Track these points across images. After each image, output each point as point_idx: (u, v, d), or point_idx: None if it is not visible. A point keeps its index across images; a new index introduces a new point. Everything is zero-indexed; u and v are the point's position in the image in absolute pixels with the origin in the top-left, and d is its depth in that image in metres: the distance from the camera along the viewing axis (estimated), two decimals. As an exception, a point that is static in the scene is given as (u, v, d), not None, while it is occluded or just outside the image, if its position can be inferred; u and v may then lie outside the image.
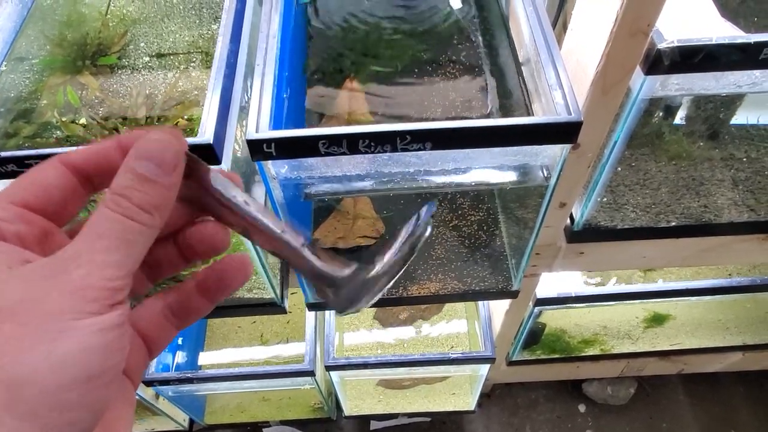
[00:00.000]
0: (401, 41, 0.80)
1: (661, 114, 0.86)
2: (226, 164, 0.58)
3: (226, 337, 1.39)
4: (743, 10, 0.78)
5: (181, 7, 0.84)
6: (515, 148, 0.56)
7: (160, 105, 0.74)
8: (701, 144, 0.90)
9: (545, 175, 0.61)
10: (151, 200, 0.25)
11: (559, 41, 0.73)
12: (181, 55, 0.79)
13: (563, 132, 0.53)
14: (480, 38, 0.79)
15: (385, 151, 0.53)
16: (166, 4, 0.85)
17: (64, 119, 0.73)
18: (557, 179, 0.61)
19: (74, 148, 0.54)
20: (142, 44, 0.80)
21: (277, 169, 0.57)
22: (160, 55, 0.79)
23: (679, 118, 0.88)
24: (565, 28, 0.77)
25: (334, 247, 0.86)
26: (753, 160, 0.90)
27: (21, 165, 0.54)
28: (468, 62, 0.77)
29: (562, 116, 0.53)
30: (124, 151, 0.26)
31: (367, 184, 0.61)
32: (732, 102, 0.86)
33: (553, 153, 0.58)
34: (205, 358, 1.36)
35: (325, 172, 0.58)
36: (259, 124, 0.54)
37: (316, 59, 0.80)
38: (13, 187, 0.26)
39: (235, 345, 1.37)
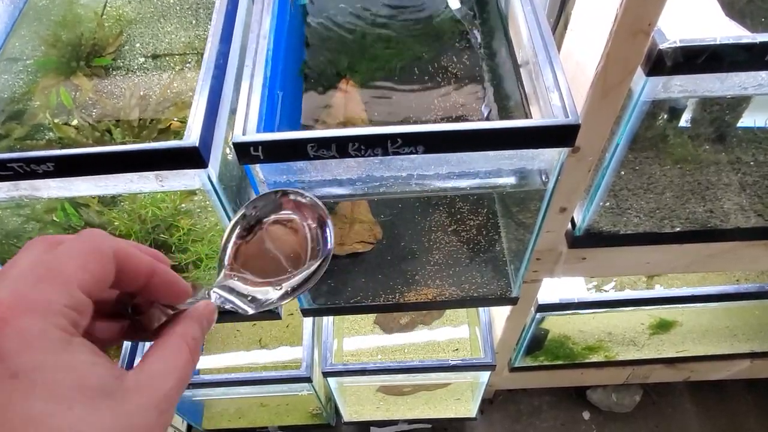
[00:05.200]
0: (399, 42, 0.78)
1: (665, 116, 0.84)
2: (214, 167, 0.56)
3: (225, 341, 1.38)
4: (750, 10, 0.75)
5: (177, 8, 0.83)
6: (511, 151, 0.54)
7: (154, 106, 0.73)
8: (707, 147, 0.88)
9: (543, 179, 0.59)
10: None
11: (561, 42, 0.72)
12: (177, 56, 0.78)
13: (560, 135, 0.51)
14: (479, 39, 0.77)
15: (376, 155, 0.52)
16: (163, 4, 0.84)
17: (56, 121, 0.72)
18: (555, 183, 0.59)
19: (70, 150, 0.52)
20: (137, 45, 0.79)
21: (265, 173, 0.56)
22: (155, 56, 0.78)
23: (684, 120, 0.86)
24: (566, 28, 0.75)
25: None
26: (761, 164, 0.87)
27: (4, 168, 0.53)
28: (466, 63, 0.75)
29: (559, 119, 0.51)
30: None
31: (359, 188, 0.59)
32: (738, 104, 0.84)
33: (550, 157, 0.56)
34: (203, 361, 1.35)
35: (315, 177, 0.56)
36: (247, 126, 0.52)
37: (313, 60, 0.78)
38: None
39: (233, 349, 1.36)
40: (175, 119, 0.71)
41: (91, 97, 0.75)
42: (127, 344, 1.13)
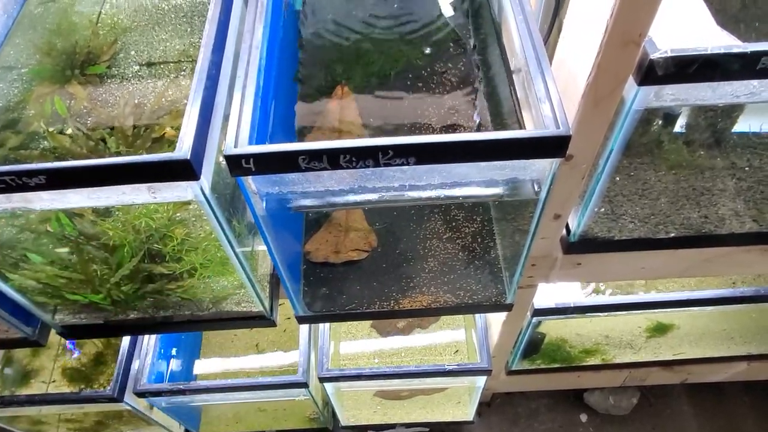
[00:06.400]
0: (394, 49, 0.78)
1: (659, 123, 0.84)
2: (206, 178, 0.56)
3: (222, 345, 1.38)
4: (743, 17, 0.75)
5: (172, 16, 0.83)
6: (502, 162, 0.54)
7: (148, 115, 0.73)
8: (702, 153, 0.88)
9: (535, 189, 0.59)
10: None
11: (554, 49, 0.72)
12: (172, 64, 0.78)
13: (551, 146, 0.51)
14: (472, 47, 0.77)
15: (368, 166, 0.52)
16: (158, 12, 0.84)
17: (51, 130, 0.72)
18: (548, 192, 0.59)
19: (61, 163, 0.52)
20: (132, 53, 0.79)
21: (258, 184, 0.56)
22: (150, 64, 0.78)
23: (679, 126, 0.86)
24: (560, 34, 0.75)
25: (326, 262, 0.85)
26: (756, 169, 0.87)
27: (-4, 180, 0.53)
28: (460, 71, 0.75)
29: (550, 130, 0.51)
30: None
31: (352, 198, 0.59)
32: (733, 110, 0.84)
33: (542, 166, 0.56)
34: (200, 366, 1.35)
35: (307, 187, 0.56)
36: (239, 138, 0.52)
37: (308, 67, 0.78)
38: None
39: (230, 353, 1.36)
40: (170, 128, 0.71)
41: (85, 106, 0.75)
42: (124, 345, 1.13)
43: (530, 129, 0.56)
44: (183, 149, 0.52)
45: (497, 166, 0.55)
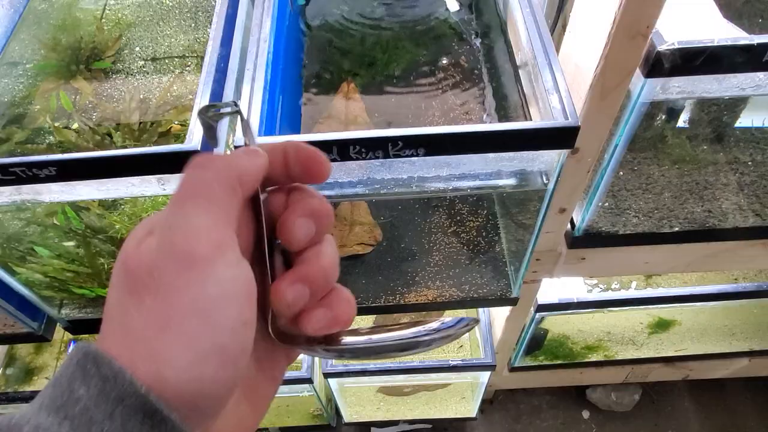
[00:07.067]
0: (399, 45, 0.78)
1: (663, 117, 0.84)
2: (215, 171, 0.57)
3: (226, 342, 1.38)
4: (747, 10, 0.76)
5: (176, 11, 0.83)
6: (511, 153, 0.54)
7: (154, 110, 0.73)
8: (705, 147, 0.89)
9: (543, 180, 0.59)
10: None
11: (559, 43, 0.72)
12: (177, 59, 0.78)
13: (560, 137, 0.52)
14: (478, 41, 0.77)
15: (377, 158, 0.52)
16: (162, 7, 0.84)
17: (56, 124, 0.72)
18: (555, 185, 0.60)
19: (72, 155, 0.52)
20: (137, 48, 0.79)
21: (267, 175, 0.56)
22: (155, 59, 0.78)
23: (683, 120, 0.86)
24: (564, 30, 0.76)
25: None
26: (759, 164, 0.88)
27: (6, 173, 0.53)
28: (466, 66, 0.76)
29: (558, 121, 0.51)
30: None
31: (360, 190, 0.60)
32: (736, 104, 0.85)
33: (550, 158, 0.56)
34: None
35: (316, 179, 0.57)
36: (248, 129, 0.52)
37: (313, 63, 0.79)
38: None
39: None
40: (176, 122, 0.71)
41: (91, 101, 0.75)
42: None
43: (539, 120, 0.56)
44: (193, 141, 0.52)
45: (506, 158, 0.55)
